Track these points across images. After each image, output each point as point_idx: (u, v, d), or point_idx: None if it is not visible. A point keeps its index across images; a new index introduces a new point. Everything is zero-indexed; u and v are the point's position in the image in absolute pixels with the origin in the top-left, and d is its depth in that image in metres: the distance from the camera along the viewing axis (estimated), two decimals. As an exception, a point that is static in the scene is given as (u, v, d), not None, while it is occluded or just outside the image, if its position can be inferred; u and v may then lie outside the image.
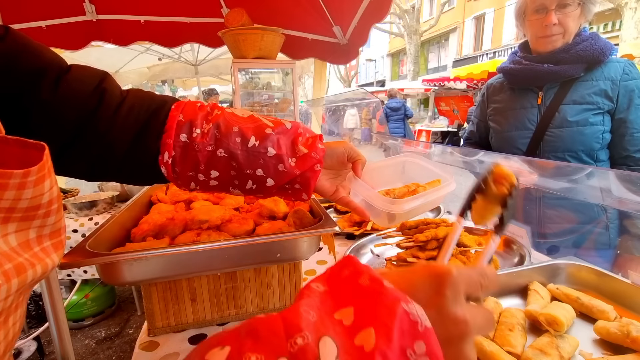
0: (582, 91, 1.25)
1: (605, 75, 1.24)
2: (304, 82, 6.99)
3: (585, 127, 1.24)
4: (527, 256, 0.99)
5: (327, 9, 3.15)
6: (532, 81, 1.34)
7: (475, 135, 1.62)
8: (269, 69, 3.60)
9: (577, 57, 1.24)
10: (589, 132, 1.24)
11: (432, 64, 23.91)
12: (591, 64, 1.24)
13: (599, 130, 1.24)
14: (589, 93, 1.24)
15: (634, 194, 0.76)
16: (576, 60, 1.24)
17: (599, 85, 1.23)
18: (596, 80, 1.24)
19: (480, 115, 1.58)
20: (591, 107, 1.23)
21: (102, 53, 4.00)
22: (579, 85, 1.26)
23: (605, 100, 1.22)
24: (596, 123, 1.24)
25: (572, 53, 1.24)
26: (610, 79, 1.23)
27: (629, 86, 1.21)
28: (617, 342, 0.63)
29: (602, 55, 1.22)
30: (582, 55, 1.23)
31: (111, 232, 0.77)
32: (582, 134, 1.24)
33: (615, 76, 1.23)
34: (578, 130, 1.24)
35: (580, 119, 1.24)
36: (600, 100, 1.23)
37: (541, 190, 1.28)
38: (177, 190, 1.09)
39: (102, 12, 3.09)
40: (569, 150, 1.26)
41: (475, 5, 19.37)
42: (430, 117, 14.52)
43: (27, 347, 2.30)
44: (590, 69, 1.25)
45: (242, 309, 0.83)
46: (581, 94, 1.24)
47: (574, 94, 1.25)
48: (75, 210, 2.37)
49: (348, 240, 1.30)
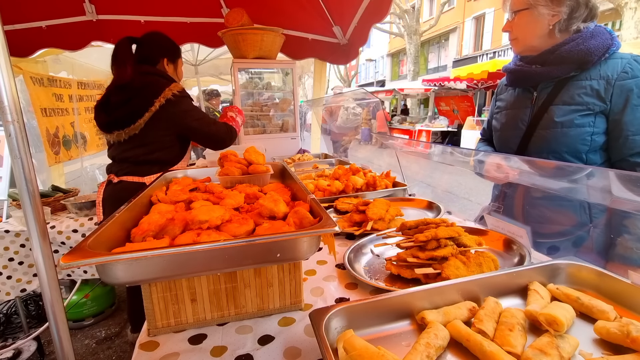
0: (573, 91, 1.21)
1: (601, 74, 1.18)
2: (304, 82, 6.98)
3: (570, 129, 1.21)
4: (527, 256, 0.99)
5: (327, 9, 3.15)
6: (525, 81, 1.35)
7: (487, 133, 1.62)
8: (269, 69, 3.60)
9: (561, 58, 1.21)
10: (574, 134, 1.20)
11: (432, 64, 23.91)
12: (580, 64, 1.19)
13: (586, 132, 1.19)
14: (579, 93, 1.20)
15: (634, 194, 0.76)
16: (561, 61, 1.22)
17: (591, 85, 1.19)
18: (590, 79, 1.20)
19: (490, 113, 1.59)
20: (580, 108, 1.19)
21: (102, 53, 3.98)
22: (571, 85, 1.22)
23: (597, 100, 1.18)
24: (583, 125, 1.19)
25: (556, 54, 1.22)
26: (606, 78, 1.17)
27: (625, 86, 1.14)
28: (617, 342, 0.63)
29: (588, 55, 1.17)
30: (565, 57, 1.20)
31: (111, 232, 0.77)
32: (567, 136, 1.21)
33: (611, 75, 1.16)
34: (562, 132, 1.22)
35: (565, 120, 1.21)
36: (590, 101, 1.18)
37: (541, 190, 1.28)
38: (177, 190, 1.09)
39: (102, 12, 3.09)
40: (553, 151, 1.24)
41: (475, 5, 19.36)
42: (430, 117, 14.52)
43: (27, 347, 2.30)
44: (584, 68, 1.20)
45: (242, 309, 0.83)
46: (571, 94, 1.21)
47: (565, 95, 1.22)
48: (75, 210, 2.37)
49: (348, 240, 1.30)
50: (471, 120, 11.38)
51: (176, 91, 1.76)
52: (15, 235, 2.20)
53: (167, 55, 1.95)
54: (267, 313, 0.85)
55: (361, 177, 1.83)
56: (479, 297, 0.77)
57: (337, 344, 0.62)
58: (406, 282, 0.94)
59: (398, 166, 2.19)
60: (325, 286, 0.97)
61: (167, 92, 1.73)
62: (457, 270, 0.89)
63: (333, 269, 1.07)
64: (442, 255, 0.92)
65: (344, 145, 5.67)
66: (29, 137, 0.71)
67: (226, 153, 1.41)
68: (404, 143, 2.85)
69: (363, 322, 0.70)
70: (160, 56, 1.93)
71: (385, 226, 1.29)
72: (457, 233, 0.97)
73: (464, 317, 0.71)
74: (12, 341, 2.45)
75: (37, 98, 3.18)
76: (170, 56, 1.97)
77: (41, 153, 3.23)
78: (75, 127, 3.78)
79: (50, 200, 2.48)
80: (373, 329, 0.71)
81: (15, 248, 2.22)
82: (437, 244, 0.94)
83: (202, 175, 1.43)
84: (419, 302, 0.74)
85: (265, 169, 1.33)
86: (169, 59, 1.96)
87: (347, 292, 0.94)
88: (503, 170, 1.24)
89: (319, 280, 1.01)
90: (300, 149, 3.39)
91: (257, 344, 0.75)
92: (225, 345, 0.75)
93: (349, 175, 1.85)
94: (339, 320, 0.68)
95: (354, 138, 6.36)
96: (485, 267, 0.92)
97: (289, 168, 1.39)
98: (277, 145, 3.25)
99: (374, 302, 0.72)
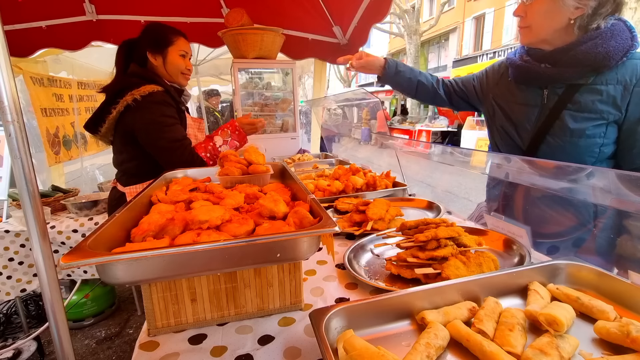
0: (587, 97, 1.10)
1: (618, 78, 1.06)
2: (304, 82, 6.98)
3: (580, 139, 1.13)
4: (527, 256, 0.99)
5: (327, 9, 3.15)
6: (532, 81, 1.25)
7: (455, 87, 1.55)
8: (269, 69, 3.61)
9: (576, 60, 1.08)
10: (583, 145, 1.13)
11: (432, 64, 23.90)
12: (596, 67, 1.07)
13: (595, 143, 1.12)
14: (593, 100, 1.09)
15: (634, 194, 0.76)
16: (575, 63, 1.09)
17: (608, 90, 1.07)
18: (606, 84, 1.08)
19: (477, 80, 1.50)
20: (593, 117, 1.09)
21: (102, 53, 3.99)
22: (585, 90, 1.11)
23: (612, 109, 1.08)
24: (594, 135, 1.11)
25: (571, 55, 1.09)
26: (623, 83, 1.06)
27: None
28: (617, 342, 0.63)
29: (607, 60, 1.04)
30: (581, 59, 1.07)
31: (111, 232, 0.77)
32: (576, 146, 1.14)
33: (629, 79, 1.05)
34: (571, 142, 1.14)
35: (576, 129, 1.12)
36: (605, 109, 1.08)
37: (541, 190, 1.28)
38: (177, 190, 1.09)
39: (102, 12, 3.09)
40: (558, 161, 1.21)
41: (475, 5, 19.36)
42: (430, 117, 14.52)
43: (27, 347, 2.30)
44: (600, 72, 1.08)
45: (242, 309, 0.83)
46: (585, 101, 1.10)
47: (579, 100, 1.12)
48: (75, 210, 2.37)
49: (348, 240, 1.30)
50: (471, 120, 11.38)
51: (138, 96, 1.51)
52: (15, 235, 2.21)
53: (150, 47, 1.65)
54: (267, 313, 0.85)
55: (361, 177, 1.83)
56: (479, 297, 0.77)
57: (337, 344, 0.62)
58: (406, 282, 0.94)
59: (398, 166, 2.19)
60: (325, 286, 0.97)
61: (128, 97, 1.51)
62: (457, 270, 0.89)
63: (333, 269, 1.07)
64: (442, 255, 0.92)
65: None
66: (29, 137, 0.71)
67: (226, 153, 1.41)
68: (404, 143, 2.85)
69: (363, 322, 0.70)
70: (144, 50, 1.66)
71: (385, 226, 1.29)
72: (457, 233, 0.97)
73: (464, 317, 0.71)
74: (12, 341, 2.45)
75: (37, 98, 3.18)
76: (153, 47, 1.66)
77: (41, 153, 3.23)
78: (76, 127, 3.78)
79: (50, 200, 2.48)
80: (373, 329, 0.71)
81: (15, 248, 2.22)
82: (437, 244, 0.94)
83: (202, 175, 1.43)
84: (419, 302, 0.74)
85: (265, 169, 1.33)
86: (152, 51, 1.66)
87: (347, 292, 0.94)
88: (504, 170, 1.23)
89: (319, 280, 1.01)
90: (300, 149, 3.39)
91: (257, 344, 0.75)
92: (225, 345, 0.75)
93: (349, 175, 1.85)
94: (339, 320, 0.68)
95: (354, 138, 6.41)
96: (485, 267, 0.92)
97: (289, 168, 1.39)
98: (277, 145, 3.25)
99: (374, 302, 0.72)
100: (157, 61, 1.68)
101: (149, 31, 1.69)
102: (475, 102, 1.54)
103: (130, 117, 1.55)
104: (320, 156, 3.14)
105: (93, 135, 1.70)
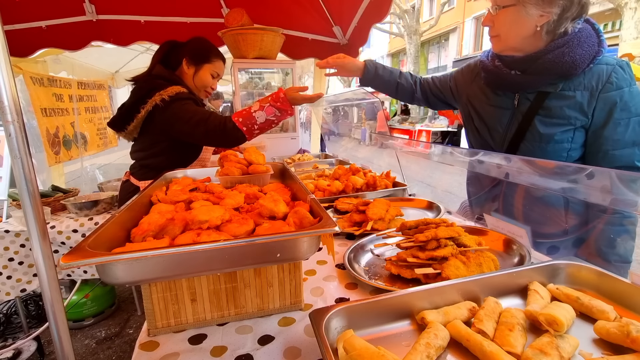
0: (557, 103, 1.13)
1: (585, 84, 1.09)
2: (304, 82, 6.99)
3: (548, 145, 1.15)
4: (527, 256, 0.99)
5: (327, 9, 3.15)
6: (503, 87, 1.27)
7: (430, 85, 1.58)
8: (269, 69, 3.60)
9: (544, 69, 1.11)
10: (551, 150, 1.15)
11: (432, 64, 23.90)
12: (564, 75, 1.10)
13: (564, 148, 1.14)
14: (561, 106, 1.12)
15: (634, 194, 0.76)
16: (543, 72, 1.12)
17: (575, 96, 1.10)
18: (574, 90, 1.11)
19: (453, 80, 1.52)
20: (562, 122, 1.12)
21: (102, 53, 3.99)
22: (554, 96, 1.14)
23: (579, 114, 1.10)
24: (562, 140, 1.14)
25: (539, 63, 1.12)
26: (590, 89, 1.09)
27: (609, 98, 1.07)
28: (617, 342, 0.63)
29: (573, 68, 1.07)
30: (548, 67, 1.10)
31: (111, 232, 0.77)
32: (544, 151, 1.16)
33: (595, 85, 1.08)
34: (540, 147, 1.16)
35: (545, 134, 1.15)
36: (573, 115, 1.11)
37: (541, 190, 1.28)
38: (177, 190, 1.09)
39: (102, 12, 3.09)
40: None
41: (475, 5, 19.35)
42: (430, 117, 14.51)
43: (27, 347, 2.30)
44: (568, 78, 1.11)
45: (242, 309, 0.83)
46: (555, 107, 1.13)
47: (548, 106, 1.15)
48: (75, 210, 2.37)
49: (348, 240, 1.30)
50: (471, 120, 11.36)
51: (166, 96, 1.59)
52: (15, 235, 2.21)
53: (189, 56, 1.78)
54: (267, 313, 0.85)
55: (361, 177, 1.83)
56: (479, 297, 0.77)
57: (337, 344, 0.62)
58: (406, 282, 0.94)
59: (398, 166, 2.19)
60: (325, 286, 0.97)
61: (157, 97, 1.58)
62: (457, 270, 0.89)
63: (333, 269, 1.07)
64: (442, 255, 0.92)
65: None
66: (29, 137, 0.71)
67: (226, 153, 1.41)
68: (404, 143, 2.85)
69: (363, 322, 0.70)
70: (181, 56, 1.78)
71: (385, 226, 1.29)
72: (457, 233, 0.98)
73: (464, 317, 0.71)
74: (12, 341, 2.45)
75: (37, 98, 3.18)
76: (192, 57, 1.79)
77: (41, 153, 3.23)
78: (76, 127, 3.78)
79: (50, 200, 2.48)
80: (373, 329, 0.71)
81: (15, 248, 2.22)
82: (437, 244, 0.94)
83: (202, 175, 1.43)
84: (419, 302, 0.74)
85: (265, 169, 1.33)
86: (189, 61, 1.78)
87: (347, 292, 0.94)
88: (497, 168, 1.22)
89: (319, 280, 1.01)
90: (300, 149, 3.39)
91: (257, 344, 0.75)
92: (225, 345, 0.75)
93: (349, 175, 1.85)
94: (339, 320, 0.68)
95: (354, 137, 6.40)
96: (485, 267, 0.92)
97: (289, 168, 1.39)
98: (277, 145, 3.25)
99: (374, 302, 0.72)
100: (189, 70, 1.80)
101: (195, 42, 1.84)
102: (452, 101, 1.57)
103: (159, 115, 1.63)
104: (320, 156, 3.14)
105: (116, 133, 1.76)
